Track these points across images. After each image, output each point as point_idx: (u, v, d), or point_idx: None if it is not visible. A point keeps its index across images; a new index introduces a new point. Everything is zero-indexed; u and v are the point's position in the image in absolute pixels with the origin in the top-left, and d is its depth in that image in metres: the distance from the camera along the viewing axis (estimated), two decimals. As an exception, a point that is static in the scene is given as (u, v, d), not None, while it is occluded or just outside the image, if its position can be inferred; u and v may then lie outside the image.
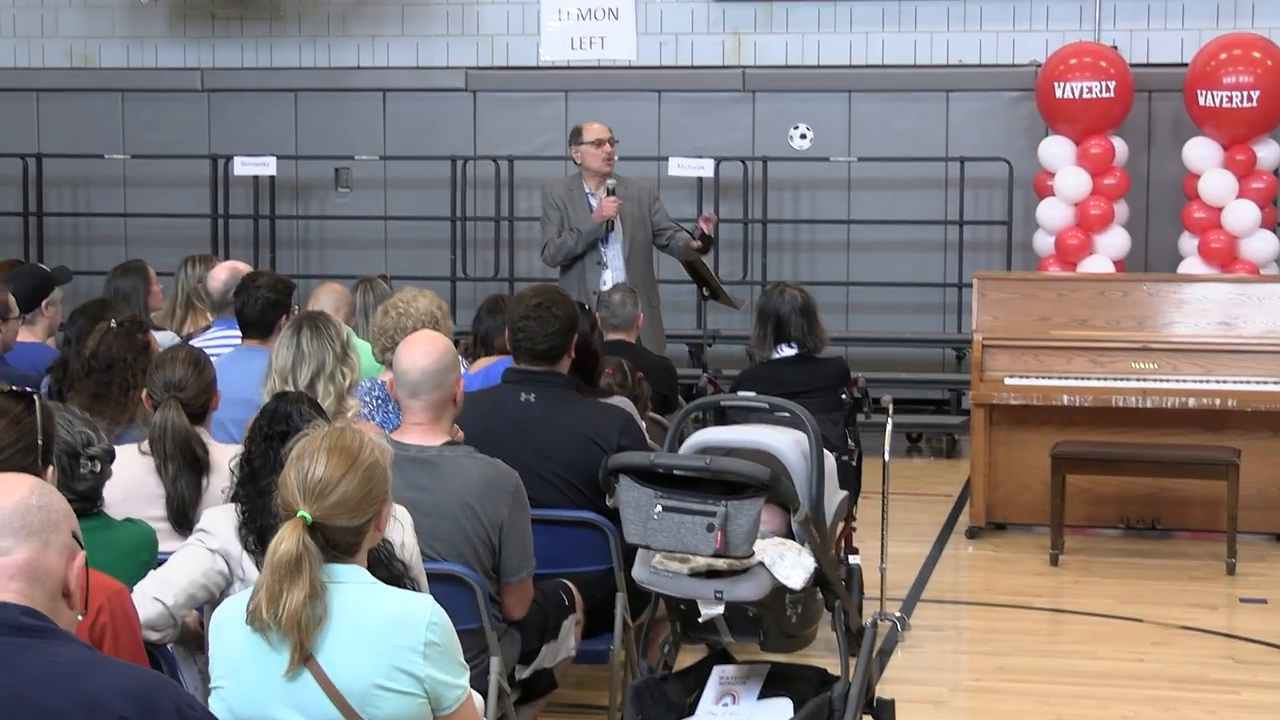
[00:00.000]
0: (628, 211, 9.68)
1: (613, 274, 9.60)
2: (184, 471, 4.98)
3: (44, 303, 7.51)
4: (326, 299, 7.61)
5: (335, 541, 3.52)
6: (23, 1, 14.25)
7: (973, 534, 9.45)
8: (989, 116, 12.97)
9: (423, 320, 6.59)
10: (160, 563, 4.41)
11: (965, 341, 11.78)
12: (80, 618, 2.98)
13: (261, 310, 6.74)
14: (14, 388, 3.93)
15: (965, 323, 12.35)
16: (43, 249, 14.04)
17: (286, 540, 3.45)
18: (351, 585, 3.52)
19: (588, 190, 9.77)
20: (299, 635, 3.41)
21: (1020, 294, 9.62)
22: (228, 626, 3.56)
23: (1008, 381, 9.33)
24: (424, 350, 5.11)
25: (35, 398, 3.86)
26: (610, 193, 9.63)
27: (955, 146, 12.92)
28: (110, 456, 4.35)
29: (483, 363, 6.94)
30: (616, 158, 9.84)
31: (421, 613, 3.53)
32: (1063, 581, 8.59)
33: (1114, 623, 7.79)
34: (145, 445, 5.05)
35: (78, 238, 14.24)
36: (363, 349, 6.48)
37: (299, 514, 3.49)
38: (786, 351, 7.48)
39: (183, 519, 4.93)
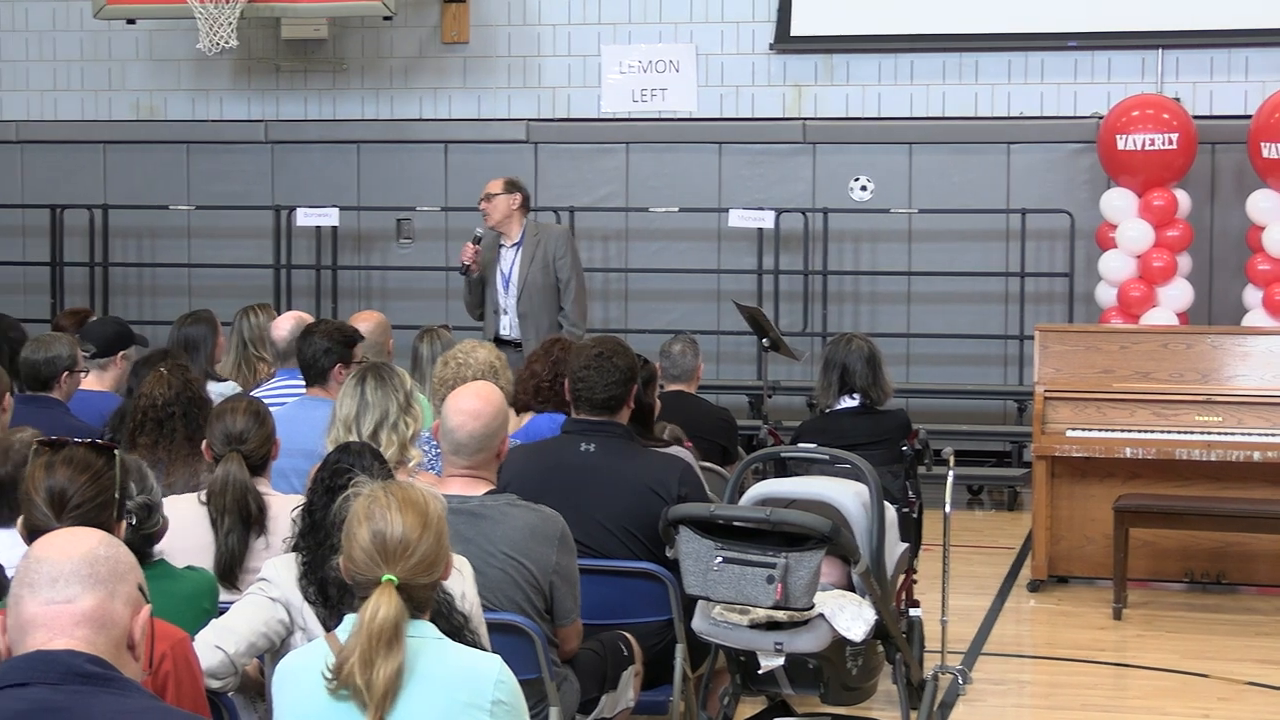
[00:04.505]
0: (528, 257, 10.04)
1: (511, 320, 10.04)
2: (237, 527, 5.00)
3: (119, 354, 7.57)
4: (364, 326, 7.63)
5: (415, 600, 3.50)
6: (90, 55, 14.42)
7: (1034, 587, 9.39)
8: (1051, 168, 12.95)
9: (482, 371, 6.62)
10: (220, 611, 4.42)
11: (1027, 394, 11.72)
12: (146, 673, 2.99)
13: (314, 357, 6.78)
14: (97, 441, 3.96)
15: (1027, 375, 12.29)
16: (108, 299, 14.16)
17: (385, 607, 3.40)
18: (423, 641, 3.50)
19: (500, 242, 10.24)
20: (384, 701, 3.39)
21: (1082, 346, 9.58)
22: (295, 679, 3.55)
23: (1070, 434, 9.28)
24: (473, 412, 5.10)
25: (116, 452, 3.88)
26: (475, 240, 10.14)
27: (1016, 198, 12.89)
28: (147, 510, 4.22)
29: (522, 418, 6.90)
30: (494, 214, 10.16)
31: (490, 671, 3.52)
32: (1126, 636, 8.52)
33: (1179, 678, 7.72)
34: (204, 495, 5.08)
35: (142, 288, 14.36)
36: (422, 403, 6.49)
37: (385, 578, 3.45)
38: (849, 402, 7.47)
39: (229, 574, 4.95)
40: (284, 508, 4.94)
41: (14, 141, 14.45)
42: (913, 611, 6.65)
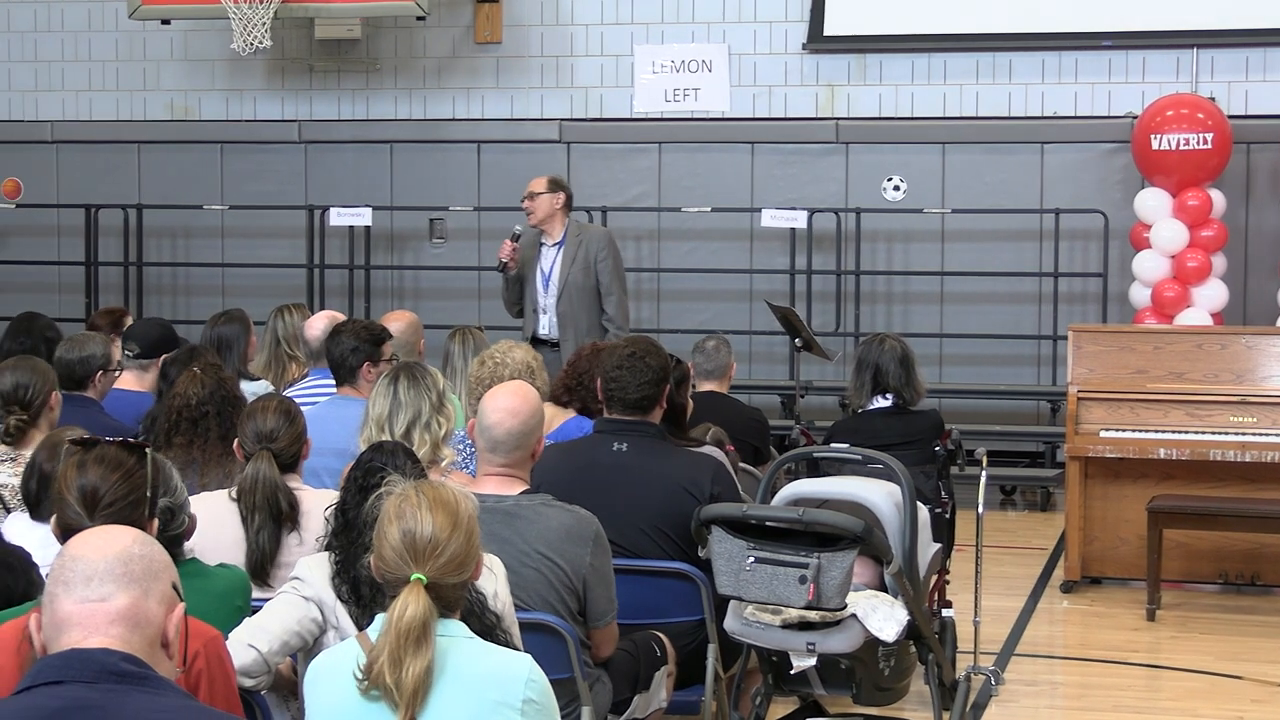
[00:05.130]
0: (569, 257, 10.05)
1: (550, 319, 10.02)
2: (268, 524, 5.01)
3: (162, 356, 7.58)
4: (396, 326, 7.64)
5: (444, 599, 3.51)
6: (125, 55, 14.47)
7: (1067, 588, 9.36)
8: (1084, 168, 12.91)
9: (518, 370, 6.62)
10: (254, 610, 4.43)
11: (1060, 394, 11.69)
12: (180, 671, 3.00)
13: (342, 356, 6.79)
14: (129, 439, 3.97)
15: (1060, 375, 12.25)
16: (142, 298, 14.22)
17: (413, 606, 3.41)
18: (453, 640, 3.50)
19: (541, 240, 10.23)
20: (414, 700, 3.40)
21: (1116, 346, 9.55)
22: (327, 679, 3.56)
23: (1103, 434, 9.25)
24: (511, 410, 5.10)
25: (148, 451, 3.89)
26: (514, 238, 10.12)
27: (1050, 198, 12.85)
28: (170, 514, 4.15)
29: (556, 419, 6.89)
30: (539, 212, 10.16)
31: (520, 670, 3.52)
32: (1159, 637, 8.49)
33: (1212, 680, 7.69)
34: (234, 493, 5.10)
35: (176, 287, 14.41)
36: (454, 403, 6.50)
37: (414, 577, 3.46)
38: (881, 403, 7.45)
39: (261, 571, 4.97)
40: (317, 503, 4.96)
41: (49, 141, 14.51)
42: (945, 612, 6.64)
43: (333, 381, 6.95)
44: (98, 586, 2.88)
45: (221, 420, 5.79)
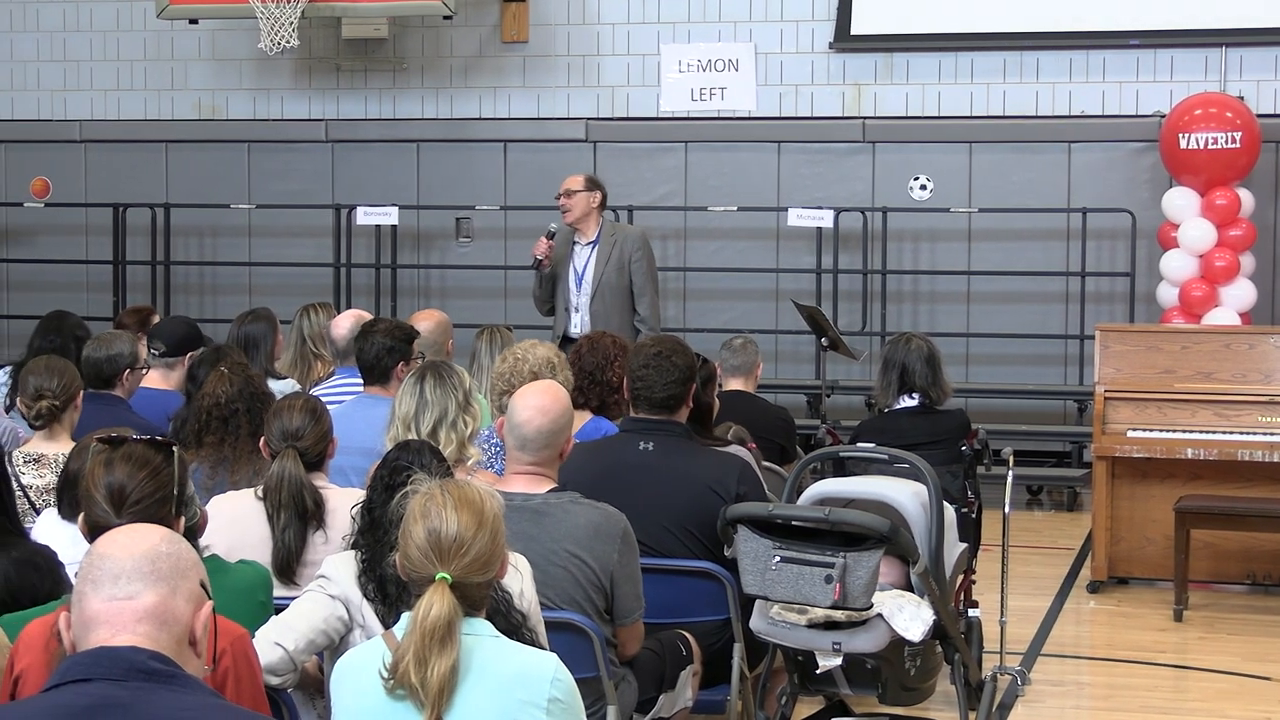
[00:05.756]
0: (604, 256, 10.02)
1: (582, 318, 9.99)
2: (294, 522, 5.03)
3: (188, 354, 7.60)
4: (424, 325, 7.64)
5: (470, 598, 3.51)
6: (153, 54, 14.51)
7: (1094, 588, 9.34)
8: (1112, 168, 12.87)
9: (540, 366, 6.61)
10: (279, 608, 4.44)
11: (1087, 394, 11.66)
12: (209, 669, 3.00)
13: (377, 356, 6.80)
14: (157, 437, 3.98)
15: (1087, 375, 12.23)
16: (169, 297, 14.26)
17: (437, 605, 3.42)
18: (478, 639, 3.51)
19: (574, 239, 10.17)
20: (439, 699, 3.40)
21: (1143, 346, 9.53)
22: (353, 677, 3.56)
23: (1130, 434, 9.23)
24: (542, 408, 5.11)
25: (174, 449, 3.91)
26: (549, 235, 10.05)
27: (1077, 198, 12.82)
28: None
29: (579, 418, 6.87)
30: (576, 210, 10.08)
31: (546, 669, 3.53)
32: (1187, 638, 8.46)
33: (1240, 681, 7.66)
34: (260, 491, 5.12)
35: (203, 286, 14.45)
36: (481, 403, 6.50)
37: (439, 576, 3.47)
38: (908, 402, 7.45)
39: (287, 570, 4.99)
40: (343, 501, 4.97)
41: (78, 141, 14.56)
42: (971, 612, 6.64)
43: (359, 380, 6.96)
44: (125, 585, 2.89)
45: (251, 418, 5.81)
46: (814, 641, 5.46)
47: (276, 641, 4.27)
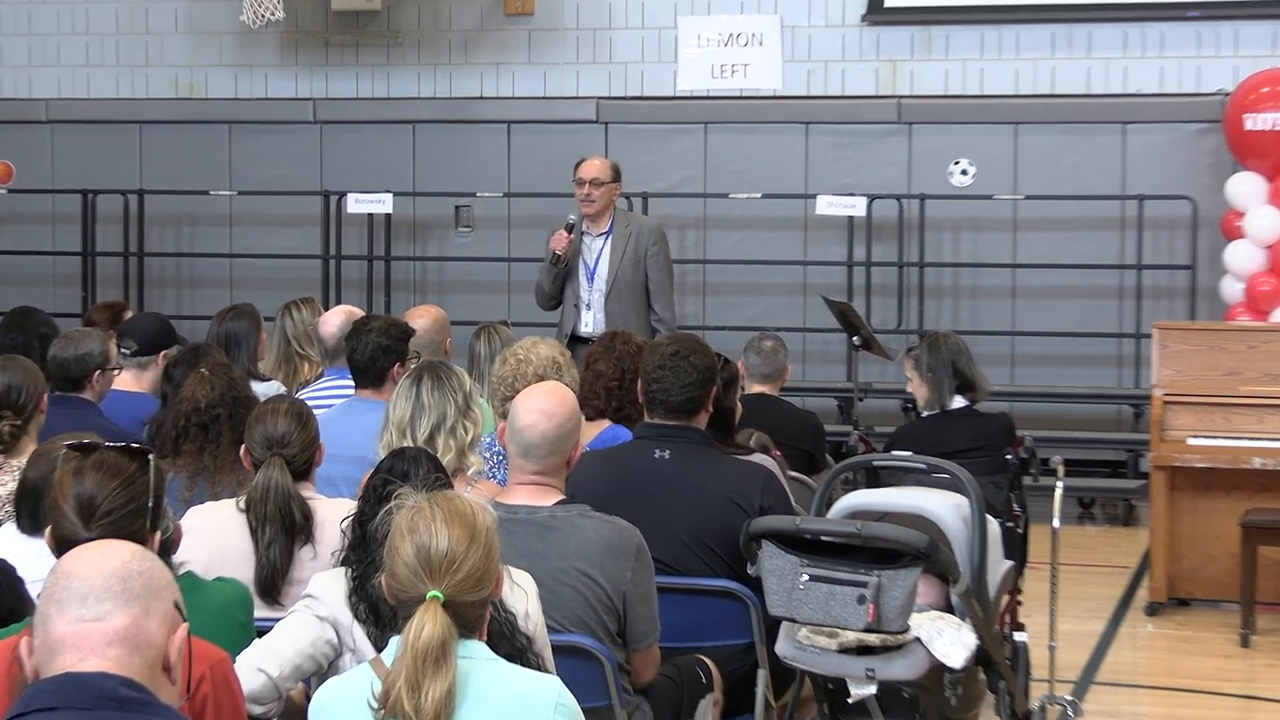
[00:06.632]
0: (619, 250, 9.92)
1: (594, 316, 9.92)
2: (279, 537, 5.03)
3: (161, 353, 7.60)
4: (420, 323, 7.64)
5: (464, 618, 3.51)
6: (126, 27, 14.53)
7: (1152, 610, 9.33)
8: (1171, 151, 12.85)
9: (544, 367, 6.60)
10: (262, 630, 4.44)
11: (1144, 398, 11.65)
12: (185, 698, 3.00)
13: (371, 357, 6.79)
14: (132, 444, 3.98)
15: (1144, 377, 12.22)
16: (143, 291, 14.28)
17: (429, 625, 3.42)
18: (475, 662, 3.51)
19: (584, 229, 10.01)
20: None
21: (1206, 345, 9.51)
22: (338, 709, 3.56)
23: (1191, 442, 9.22)
24: (546, 411, 5.09)
25: (150, 458, 3.90)
26: (569, 228, 9.88)
27: (1133, 183, 12.80)
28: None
29: (593, 427, 6.86)
30: (598, 202, 9.94)
31: (549, 694, 3.53)
32: (1255, 665, 8.45)
33: (1312, 712, 7.66)
34: (243, 502, 5.11)
35: (180, 279, 14.47)
36: (482, 407, 6.49)
37: (430, 594, 3.47)
38: (960, 403, 7.46)
39: (271, 588, 4.99)
40: (331, 514, 4.97)
41: (44, 121, 14.59)
42: (1017, 636, 6.63)
43: (349, 382, 6.96)
44: (94, 605, 2.89)
45: (234, 424, 5.80)
46: (845, 668, 5.45)
47: (259, 667, 4.27)
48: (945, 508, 5.72)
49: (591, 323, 9.89)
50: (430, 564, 3.50)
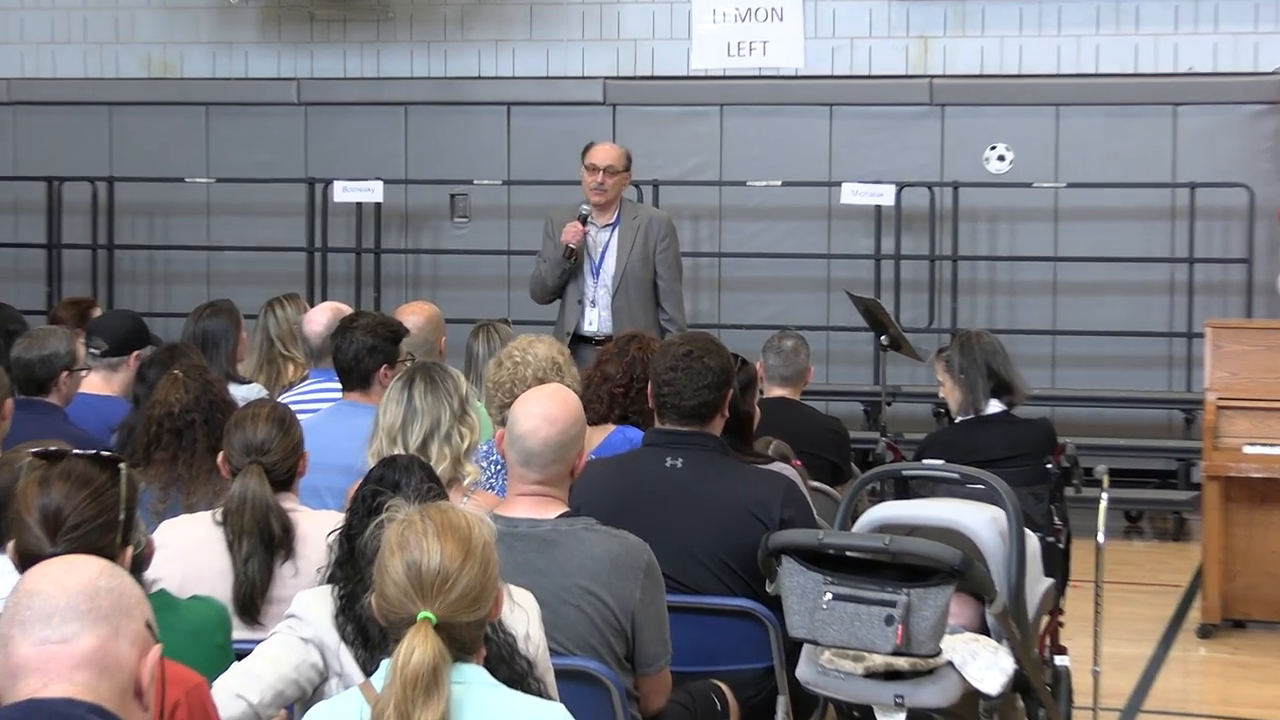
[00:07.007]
0: (627, 243, 9.90)
1: (599, 314, 9.89)
2: (258, 551, 5.03)
3: (134, 354, 7.60)
4: (412, 320, 7.64)
5: (458, 641, 3.51)
6: (95, 3, 14.56)
7: (1205, 632, 9.33)
8: (1225, 134, 12.84)
9: (543, 369, 6.60)
10: (242, 653, 4.44)
11: (1196, 402, 11.64)
12: (155, 725, 3.01)
13: (358, 357, 6.80)
14: (102, 453, 3.99)
15: (1196, 380, 12.21)
16: (113, 287, 14.30)
17: (419, 649, 3.40)
18: (471, 688, 3.50)
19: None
20: None
21: (1263, 345, 9.51)
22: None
23: (1248, 450, 9.21)
24: (548, 416, 5.09)
25: (121, 467, 3.91)
26: (583, 219, 9.85)
27: (1184, 170, 12.80)
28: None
29: (597, 432, 6.87)
30: (611, 190, 9.92)
31: (552, 722, 3.53)
32: (1316, 692, 8.46)
33: (1377, 742, 7.66)
34: (219, 515, 5.12)
35: (153, 274, 14.49)
36: (479, 412, 6.50)
37: (421, 615, 3.46)
38: (996, 407, 7.46)
39: (250, 606, 4.99)
40: (315, 527, 4.98)
41: (6, 103, 14.62)
42: (1059, 660, 6.63)
43: (337, 385, 6.97)
44: (59, 626, 2.89)
45: (210, 430, 5.81)
46: (872, 694, 5.45)
47: (238, 693, 4.28)
48: (980, 521, 5.72)
49: (596, 321, 9.87)
50: (421, 583, 3.49)
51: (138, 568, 4.14)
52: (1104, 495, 7.47)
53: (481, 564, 3.54)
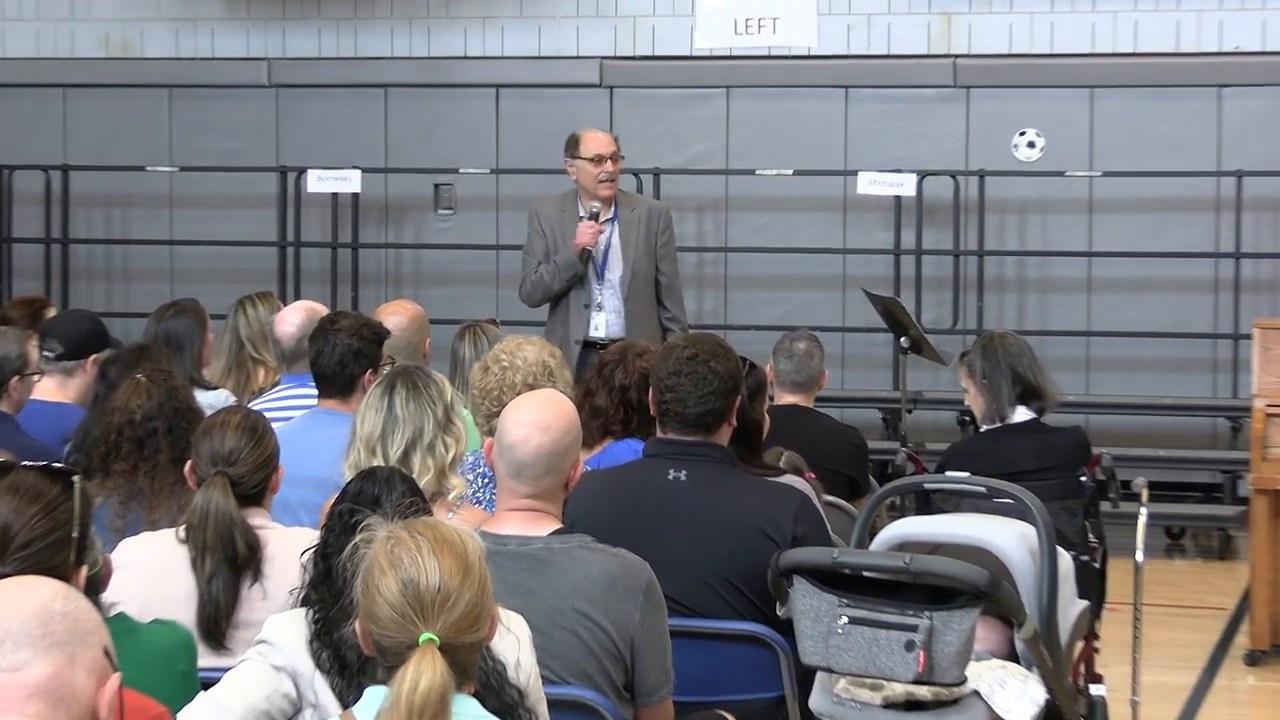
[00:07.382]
0: (631, 239, 9.87)
1: (607, 318, 9.85)
2: (222, 569, 5.02)
3: (91, 358, 7.60)
4: (394, 321, 7.64)
5: (460, 665, 3.49)
6: (48, -24, 14.57)
7: (1253, 660, 9.33)
8: (1274, 118, 12.86)
9: (533, 373, 6.60)
10: (208, 682, 4.44)
11: (1243, 409, 11.65)
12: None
13: (340, 361, 6.79)
14: (54, 465, 3.98)
15: (1243, 385, 12.21)
16: (68, 284, 14.29)
17: (428, 674, 3.37)
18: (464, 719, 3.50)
19: (582, 212, 9.90)
20: None
21: (1316, 348, 9.52)
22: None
23: (1298, 462, 9.23)
24: (540, 424, 5.08)
25: (75, 480, 3.91)
26: (593, 217, 9.80)
27: (1230, 157, 12.81)
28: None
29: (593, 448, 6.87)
30: (618, 179, 9.96)
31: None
32: (1373, 723, 8.46)
33: None
34: (183, 531, 5.12)
35: (112, 271, 14.49)
36: (465, 420, 6.49)
37: (424, 638, 3.44)
38: (1024, 415, 7.45)
39: (215, 630, 4.98)
40: (287, 545, 4.97)
41: (-48, 85, 14.63)
42: (1094, 689, 6.62)
43: (310, 391, 6.97)
44: (10, 653, 2.89)
45: (174, 440, 5.81)
46: (892, 726, 5.45)
47: (205, 726, 4.28)
48: (1009, 538, 5.72)
49: (604, 326, 9.76)
50: (421, 602, 3.47)
51: (94, 589, 4.14)
52: (1143, 510, 7.48)
53: (479, 581, 3.53)
